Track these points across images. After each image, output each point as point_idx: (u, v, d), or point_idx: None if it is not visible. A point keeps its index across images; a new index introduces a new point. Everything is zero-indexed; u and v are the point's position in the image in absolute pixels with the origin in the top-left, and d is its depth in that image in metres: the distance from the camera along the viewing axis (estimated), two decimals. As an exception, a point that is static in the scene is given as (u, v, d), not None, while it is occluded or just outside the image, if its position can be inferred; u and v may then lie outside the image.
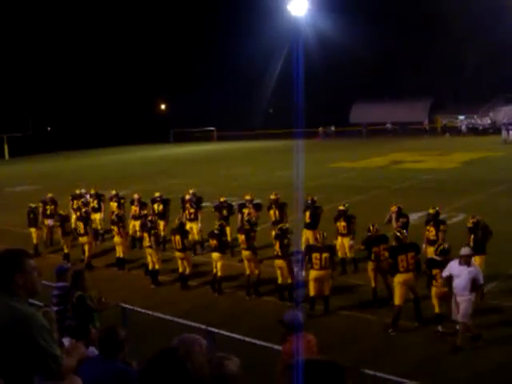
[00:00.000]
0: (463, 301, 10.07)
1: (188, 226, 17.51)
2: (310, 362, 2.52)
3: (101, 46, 75.67)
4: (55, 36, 72.67)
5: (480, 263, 12.01)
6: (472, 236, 12.38)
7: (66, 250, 17.34)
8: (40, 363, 3.53)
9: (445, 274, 10.29)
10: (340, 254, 14.74)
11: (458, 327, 10.32)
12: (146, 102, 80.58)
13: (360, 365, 7.04)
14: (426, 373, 9.17)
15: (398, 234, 11.71)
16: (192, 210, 17.85)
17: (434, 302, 10.77)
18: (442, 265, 10.56)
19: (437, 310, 10.75)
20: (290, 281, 12.82)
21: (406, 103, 70.53)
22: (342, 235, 14.88)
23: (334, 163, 40.10)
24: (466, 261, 10.20)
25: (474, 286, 10.08)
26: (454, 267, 10.25)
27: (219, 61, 74.95)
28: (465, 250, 10.42)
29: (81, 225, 16.90)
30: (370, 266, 12.48)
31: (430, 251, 12.50)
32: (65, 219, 17.74)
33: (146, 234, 14.85)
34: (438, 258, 10.79)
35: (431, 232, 13.35)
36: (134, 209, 18.79)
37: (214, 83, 75.68)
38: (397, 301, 11.11)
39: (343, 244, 14.82)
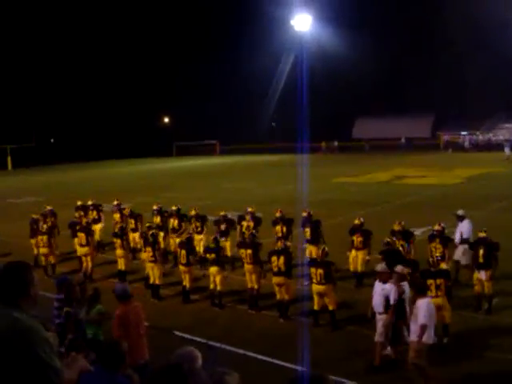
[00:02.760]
0: (379, 319, 10.09)
1: (197, 238, 17.57)
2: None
3: (105, 59, 76.07)
4: (59, 48, 73.11)
5: (487, 278, 12.09)
6: (481, 250, 12.35)
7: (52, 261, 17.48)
8: (41, 375, 3.53)
9: None
10: (352, 268, 14.77)
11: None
12: (149, 115, 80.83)
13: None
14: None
15: (400, 247, 11.68)
16: (198, 224, 17.90)
17: None
18: (436, 275, 10.63)
19: None
20: (287, 297, 12.73)
21: (408, 119, 70.69)
22: (358, 249, 14.80)
23: (337, 178, 40.11)
24: (380, 277, 10.21)
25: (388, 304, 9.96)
26: (375, 284, 10.31)
27: (223, 74, 75.23)
28: (379, 266, 10.47)
29: (83, 236, 16.91)
30: None
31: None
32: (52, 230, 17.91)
33: (149, 248, 14.75)
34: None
35: (438, 249, 13.22)
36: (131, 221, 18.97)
37: (217, 97, 76.03)
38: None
39: (357, 258, 14.78)
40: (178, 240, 16.45)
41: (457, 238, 14.58)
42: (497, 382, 9.34)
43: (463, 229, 14.67)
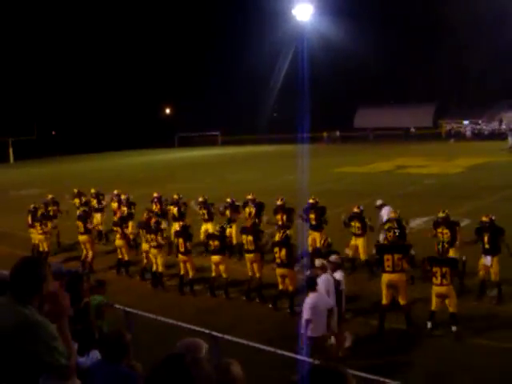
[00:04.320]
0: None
1: (203, 227, 17.59)
2: (315, 369, 2.54)
3: (106, 51, 75.86)
4: (60, 40, 72.90)
5: (493, 264, 12.12)
6: (486, 236, 12.36)
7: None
8: (49, 359, 3.54)
9: None
10: (350, 255, 14.89)
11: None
12: (150, 106, 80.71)
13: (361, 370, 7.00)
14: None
15: (388, 232, 11.69)
16: (205, 211, 17.87)
17: (433, 299, 10.78)
18: (442, 263, 10.64)
19: (433, 307, 10.78)
20: (291, 288, 12.60)
21: (410, 108, 70.50)
22: (357, 236, 15.01)
23: (339, 168, 40.06)
24: (321, 268, 10.30)
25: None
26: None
27: (224, 65, 75.08)
28: (332, 257, 10.78)
29: (80, 224, 16.92)
30: None
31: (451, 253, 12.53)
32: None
33: (153, 236, 14.73)
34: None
35: (445, 234, 13.22)
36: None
37: (219, 88, 75.79)
38: (383, 300, 11.21)
39: (357, 245, 14.97)
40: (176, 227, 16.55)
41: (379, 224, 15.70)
42: (497, 370, 9.34)
43: (383, 215, 16.08)
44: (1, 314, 3.63)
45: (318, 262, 10.56)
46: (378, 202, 17.33)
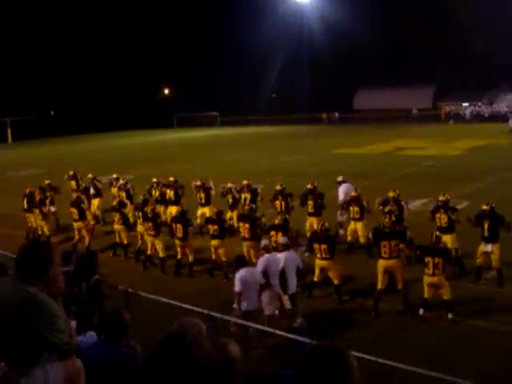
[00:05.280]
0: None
1: (200, 211, 17.58)
2: (313, 348, 2.54)
3: (104, 30, 75.30)
4: (58, 20, 72.34)
5: (494, 251, 12.14)
6: (486, 224, 12.37)
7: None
8: (52, 338, 3.55)
9: None
10: (349, 238, 15.01)
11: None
12: (149, 86, 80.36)
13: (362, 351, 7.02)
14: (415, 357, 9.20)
15: (385, 218, 11.70)
16: (203, 195, 17.86)
17: (425, 288, 10.80)
18: (435, 253, 10.61)
19: (425, 295, 10.77)
20: None
21: (409, 90, 70.29)
22: (355, 220, 15.04)
23: (338, 149, 40.00)
24: (264, 249, 10.97)
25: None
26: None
27: (223, 45, 74.63)
28: (281, 239, 11.37)
29: (75, 210, 16.81)
30: None
31: (446, 240, 12.54)
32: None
33: (150, 224, 14.65)
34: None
35: (443, 219, 13.25)
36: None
37: (218, 68, 75.51)
38: (378, 285, 11.24)
39: (356, 229, 15.02)
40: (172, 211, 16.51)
41: (339, 200, 16.76)
42: (494, 352, 9.40)
43: (340, 193, 17.11)
44: (5, 293, 3.64)
45: (263, 242, 11.31)
46: (339, 179, 17.85)
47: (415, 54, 69.32)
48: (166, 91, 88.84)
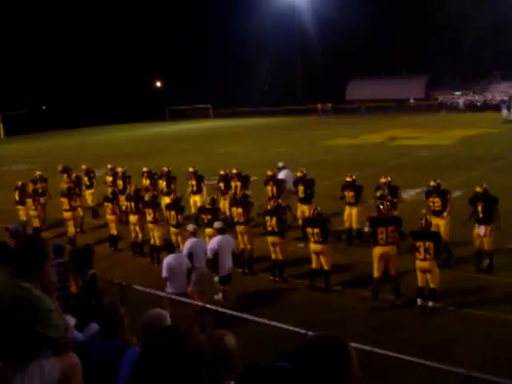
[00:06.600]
0: None
1: (192, 199, 17.58)
2: (313, 339, 2.52)
3: (95, 23, 75.03)
4: (50, 15, 72.00)
5: (487, 233, 12.19)
6: (480, 206, 12.39)
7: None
8: (48, 333, 3.54)
9: None
10: (347, 225, 15.00)
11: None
12: (141, 79, 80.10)
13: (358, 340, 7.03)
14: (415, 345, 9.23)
15: (381, 206, 11.67)
16: (194, 183, 17.82)
17: (418, 274, 10.78)
18: (426, 237, 10.58)
19: (419, 283, 10.74)
20: (281, 257, 12.76)
21: (402, 80, 70.25)
22: (350, 205, 15.03)
23: (331, 140, 39.99)
24: (191, 233, 11.56)
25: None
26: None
27: (216, 37, 74.44)
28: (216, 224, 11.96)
29: (65, 201, 16.83)
30: None
31: (439, 223, 12.68)
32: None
33: (150, 210, 14.65)
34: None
35: (436, 203, 13.29)
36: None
37: (211, 60, 75.35)
38: (374, 273, 11.20)
39: (351, 214, 14.97)
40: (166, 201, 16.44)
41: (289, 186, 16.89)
42: (491, 341, 9.43)
43: (283, 177, 17.25)
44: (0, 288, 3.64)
45: (191, 226, 11.72)
46: (280, 164, 17.96)
47: (407, 44, 69.26)
48: (158, 84, 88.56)
